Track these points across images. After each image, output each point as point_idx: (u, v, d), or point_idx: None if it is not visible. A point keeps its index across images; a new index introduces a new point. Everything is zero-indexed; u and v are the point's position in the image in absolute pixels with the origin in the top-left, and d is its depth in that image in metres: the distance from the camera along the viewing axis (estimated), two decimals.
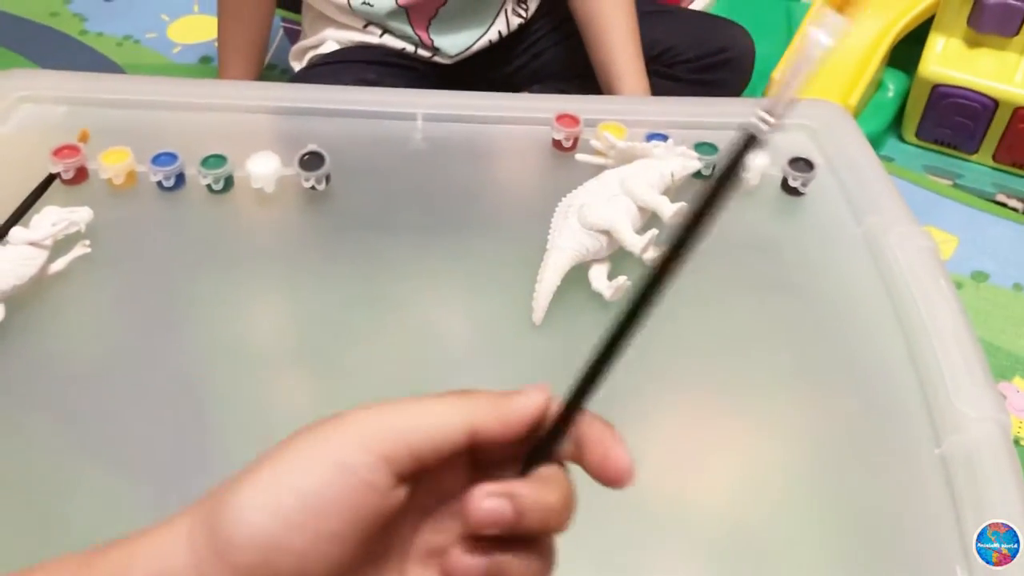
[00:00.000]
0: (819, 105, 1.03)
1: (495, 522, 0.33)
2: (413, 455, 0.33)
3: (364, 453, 0.32)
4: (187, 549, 0.32)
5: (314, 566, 0.32)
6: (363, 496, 0.32)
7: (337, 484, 0.32)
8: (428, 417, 0.34)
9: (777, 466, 0.71)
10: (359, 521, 0.32)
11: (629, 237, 0.77)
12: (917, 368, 0.75)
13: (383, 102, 0.98)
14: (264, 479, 0.32)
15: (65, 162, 0.85)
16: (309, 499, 0.32)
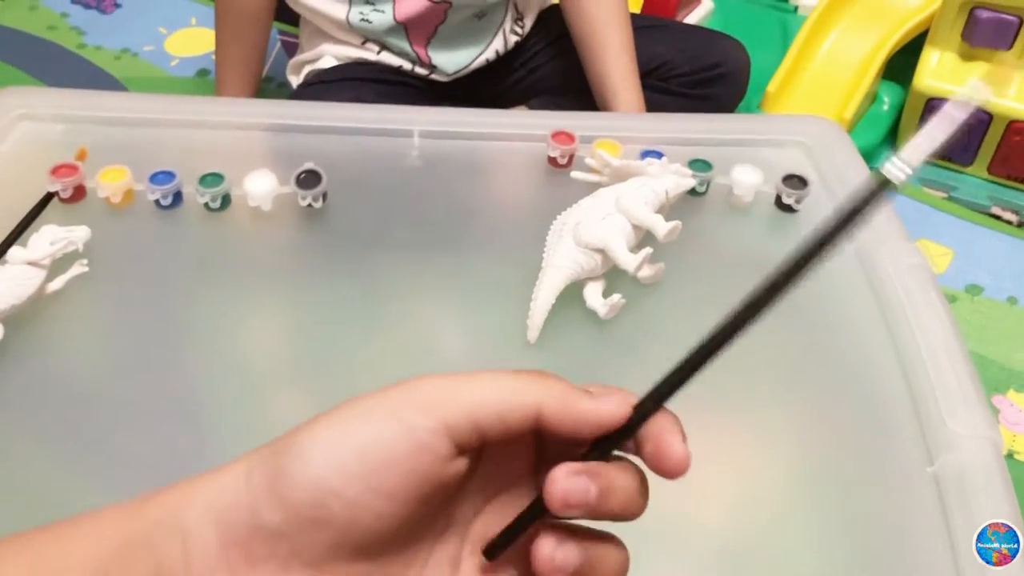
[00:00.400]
0: (813, 121, 1.04)
1: (579, 502, 0.33)
2: (476, 426, 0.33)
3: (424, 416, 0.33)
4: (244, 484, 0.33)
5: (364, 516, 0.32)
6: (419, 458, 0.33)
7: (394, 442, 0.33)
8: (495, 391, 0.34)
9: (770, 484, 0.71)
10: (413, 482, 0.33)
11: (623, 255, 0.77)
12: (909, 386, 0.75)
13: (379, 119, 0.98)
14: (326, 430, 0.33)
15: (63, 181, 0.86)
16: (366, 452, 0.32)
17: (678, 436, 0.35)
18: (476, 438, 0.34)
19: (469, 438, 0.34)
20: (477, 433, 0.34)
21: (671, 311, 0.82)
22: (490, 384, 0.34)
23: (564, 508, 0.33)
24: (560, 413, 0.34)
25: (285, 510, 0.32)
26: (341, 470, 0.32)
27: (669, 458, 0.34)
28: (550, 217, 0.82)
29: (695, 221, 0.89)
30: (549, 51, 1.43)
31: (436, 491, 0.34)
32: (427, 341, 0.80)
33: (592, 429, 0.35)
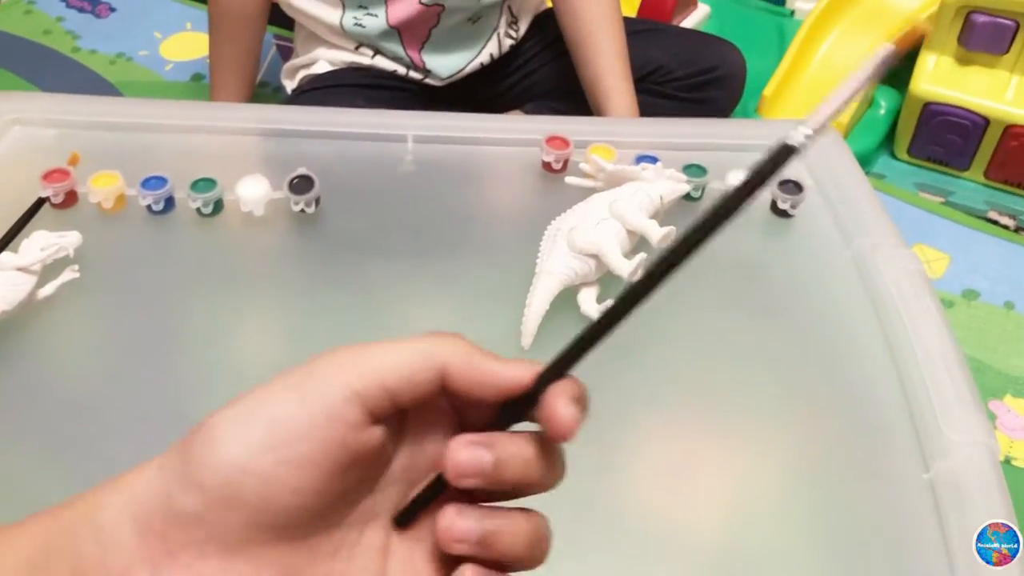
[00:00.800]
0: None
1: (474, 471, 0.33)
2: (386, 390, 0.33)
3: (332, 384, 0.33)
4: (157, 474, 0.33)
5: (278, 490, 0.32)
6: (330, 426, 0.32)
7: (302, 412, 0.32)
8: (402, 353, 0.34)
9: (766, 490, 0.71)
10: (326, 452, 0.32)
11: (617, 261, 0.77)
12: (905, 392, 0.75)
13: (373, 124, 0.98)
14: (236, 409, 0.33)
15: (55, 186, 0.85)
16: (276, 426, 0.32)
17: (567, 400, 0.34)
18: (388, 403, 0.34)
19: (381, 404, 0.33)
20: (388, 397, 0.33)
21: (665, 316, 0.81)
22: (397, 347, 0.34)
23: (459, 478, 0.33)
24: (464, 372, 0.34)
25: (198, 493, 0.32)
26: (251, 446, 0.32)
27: (554, 420, 0.33)
28: (544, 222, 0.82)
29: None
30: (544, 55, 1.42)
31: (352, 462, 0.33)
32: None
33: (494, 391, 0.35)
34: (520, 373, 0.35)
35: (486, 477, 0.34)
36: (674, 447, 0.73)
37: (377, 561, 0.36)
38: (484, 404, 0.35)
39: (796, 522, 0.68)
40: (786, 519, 0.69)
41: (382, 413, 0.34)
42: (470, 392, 0.35)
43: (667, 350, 0.79)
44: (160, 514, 0.32)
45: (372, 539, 0.36)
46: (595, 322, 0.35)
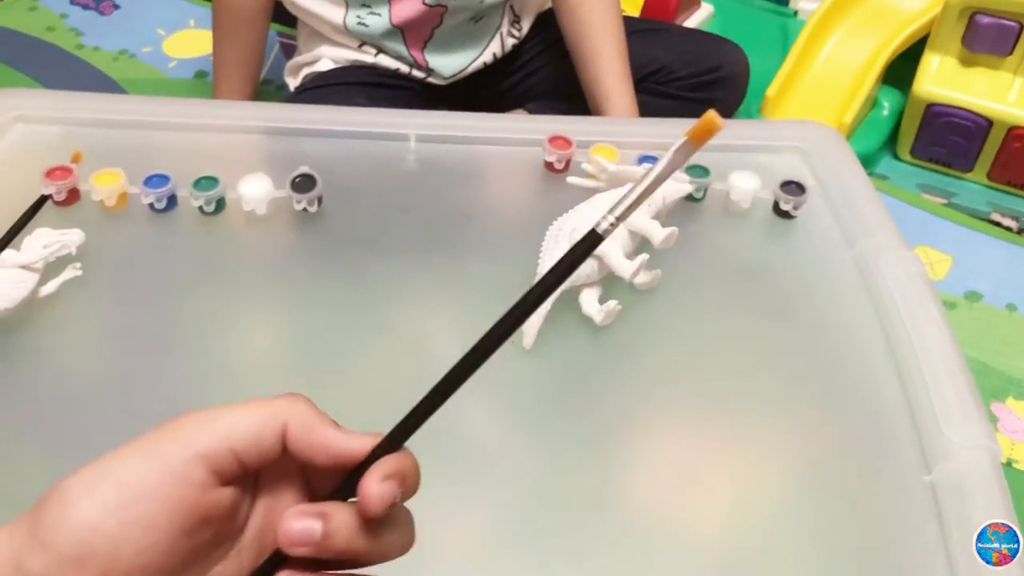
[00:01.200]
0: (811, 127, 1.03)
1: (303, 540, 0.35)
2: (232, 451, 0.35)
3: (180, 447, 0.34)
4: (8, 538, 0.33)
5: (125, 550, 0.33)
6: (175, 487, 0.34)
7: (152, 475, 0.33)
8: (248, 415, 0.35)
9: (767, 491, 0.71)
10: (172, 512, 0.33)
11: (619, 262, 0.77)
12: (907, 395, 0.75)
13: (376, 123, 0.98)
14: (87, 471, 0.34)
15: (57, 183, 0.85)
16: (124, 487, 0.33)
17: (379, 476, 0.35)
18: (236, 464, 0.35)
19: (228, 464, 0.35)
20: (235, 458, 0.35)
21: (667, 317, 0.81)
22: (243, 410, 0.36)
23: (290, 546, 0.35)
24: (301, 436, 0.36)
25: (46, 553, 0.32)
26: (99, 506, 0.33)
27: (362, 494, 0.35)
28: (546, 222, 0.82)
29: (692, 227, 0.89)
30: (547, 54, 1.42)
31: (201, 523, 0.34)
32: (422, 346, 0.80)
33: (328, 459, 0.36)
34: (354, 445, 0.36)
35: (316, 546, 0.35)
36: (677, 449, 0.73)
37: None
38: (327, 471, 0.37)
39: (798, 523, 0.68)
40: (788, 520, 0.68)
41: (230, 474, 0.35)
42: (306, 456, 0.36)
43: (670, 352, 0.79)
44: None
45: None
46: (428, 394, 0.37)
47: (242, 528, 0.37)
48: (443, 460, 0.69)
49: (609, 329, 0.79)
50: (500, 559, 0.65)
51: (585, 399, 0.75)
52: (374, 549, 0.36)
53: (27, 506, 0.64)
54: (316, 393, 0.73)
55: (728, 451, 0.73)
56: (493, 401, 0.74)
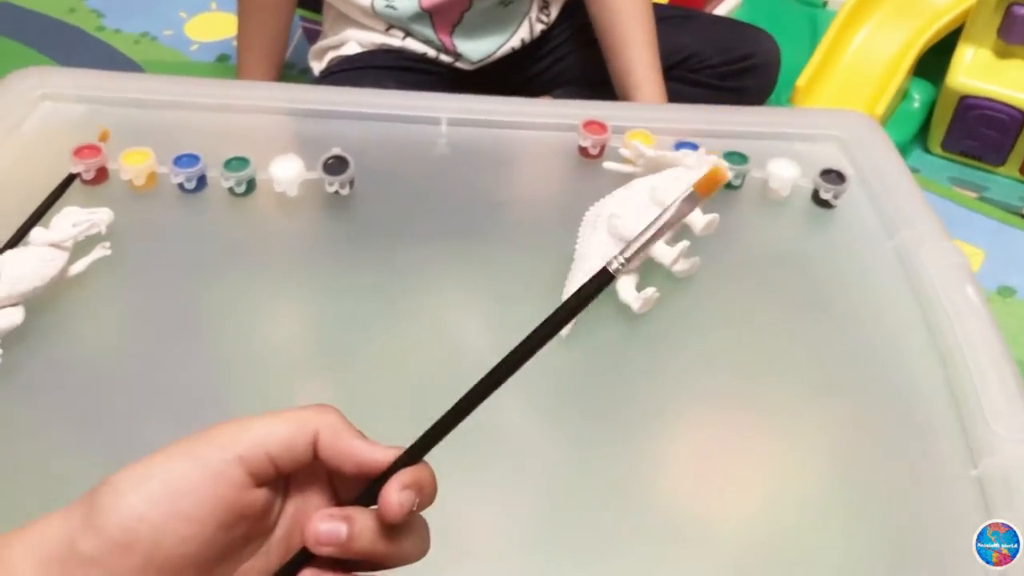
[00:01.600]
0: (848, 116, 1.02)
1: (331, 541, 0.38)
2: (267, 455, 0.38)
3: (220, 450, 0.38)
4: (62, 520, 0.37)
5: (168, 539, 0.36)
6: (216, 485, 0.37)
7: (195, 474, 0.37)
8: (282, 423, 0.39)
9: (806, 485, 0.69)
10: (214, 508, 0.37)
11: (660, 248, 0.76)
12: (951, 388, 0.74)
13: (407, 106, 0.97)
14: (136, 467, 0.38)
15: (86, 162, 0.84)
16: (169, 483, 0.37)
17: (398, 486, 0.38)
18: (270, 468, 0.39)
19: (263, 468, 0.38)
20: (270, 462, 0.38)
21: (703, 306, 0.80)
22: (277, 418, 0.39)
23: (316, 546, 0.38)
24: (330, 444, 0.39)
25: (97, 537, 0.36)
26: (147, 499, 0.36)
27: (382, 502, 0.38)
28: (581, 208, 0.80)
29: (730, 215, 0.87)
30: (574, 41, 1.41)
31: (237, 519, 0.38)
32: (454, 334, 0.78)
33: (354, 467, 0.39)
34: (379, 455, 0.40)
35: (342, 547, 0.38)
36: (711, 441, 0.72)
37: None
38: (352, 478, 0.40)
39: (838, 518, 0.67)
40: (828, 515, 0.67)
41: (265, 477, 0.39)
42: (334, 464, 0.40)
43: (705, 341, 0.78)
44: (62, 556, 0.36)
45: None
46: (444, 415, 0.40)
47: (272, 527, 0.41)
48: (473, 453, 0.68)
49: (644, 318, 0.77)
50: (530, 553, 0.64)
51: (619, 389, 0.74)
52: (393, 552, 0.40)
53: (55, 483, 0.64)
54: (342, 376, 0.73)
55: (765, 444, 0.72)
56: (527, 391, 0.73)
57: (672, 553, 0.65)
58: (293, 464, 0.39)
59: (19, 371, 0.71)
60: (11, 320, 0.72)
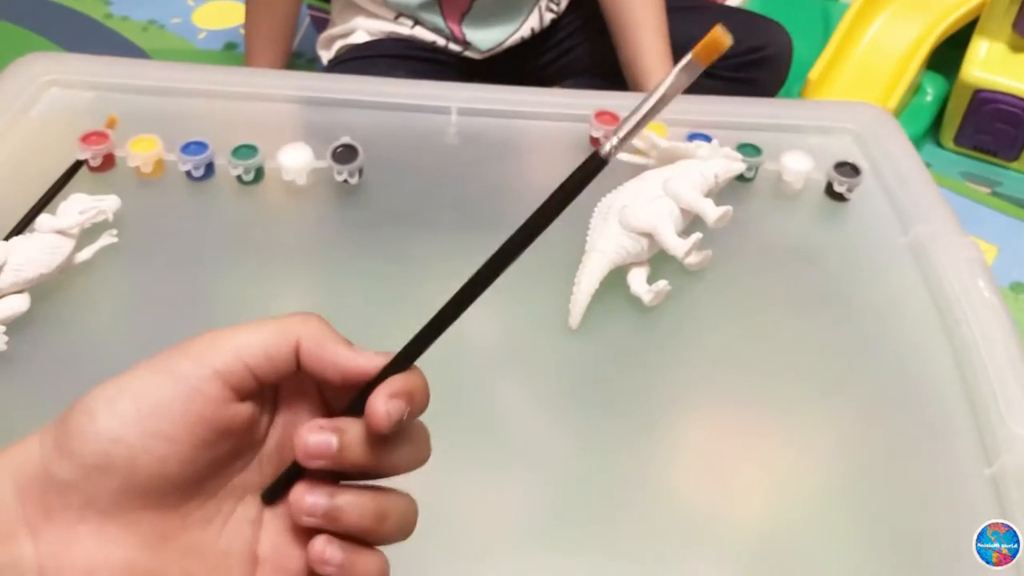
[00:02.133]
0: (863, 108, 1.01)
1: (320, 453, 0.37)
2: (246, 367, 0.37)
3: (195, 365, 0.36)
4: (38, 445, 0.36)
5: (146, 459, 0.35)
6: (193, 401, 0.36)
7: (169, 390, 0.36)
8: (260, 333, 0.37)
9: (818, 481, 0.69)
10: (193, 425, 0.36)
11: (672, 240, 0.75)
12: (966, 384, 0.73)
13: (417, 95, 0.96)
14: (107, 387, 0.36)
15: (93, 149, 0.84)
16: (143, 401, 0.36)
17: (386, 395, 0.37)
18: (251, 380, 0.37)
19: (244, 381, 0.37)
20: (250, 374, 0.37)
21: (715, 299, 0.79)
22: (256, 328, 0.38)
23: (307, 458, 0.37)
24: (312, 353, 0.38)
25: (71, 461, 0.35)
26: (120, 418, 0.35)
27: (369, 412, 0.36)
28: (592, 198, 0.80)
29: (742, 207, 0.87)
30: (584, 31, 1.40)
31: (218, 435, 0.37)
32: (462, 324, 0.77)
33: (339, 376, 0.38)
34: (364, 363, 0.38)
35: (332, 459, 0.37)
36: (723, 435, 0.72)
37: (249, 532, 0.39)
38: (343, 388, 0.39)
39: (852, 513, 0.67)
40: (839, 511, 0.67)
41: (247, 390, 0.37)
42: (318, 373, 0.38)
43: (717, 335, 0.78)
44: (39, 481, 0.35)
45: (246, 512, 0.39)
46: (437, 314, 0.38)
47: (262, 440, 0.40)
48: (483, 442, 0.68)
49: (656, 310, 0.77)
50: (536, 544, 0.64)
51: (629, 381, 0.73)
52: (387, 463, 0.38)
53: None
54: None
55: (775, 438, 0.71)
56: (537, 382, 0.73)
57: (680, 546, 0.64)
58: (275, 375, 0.38)
59: (24, 358, 0.70)
60: (17, 307, 0.72)
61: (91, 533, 0.35)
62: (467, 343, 0.75)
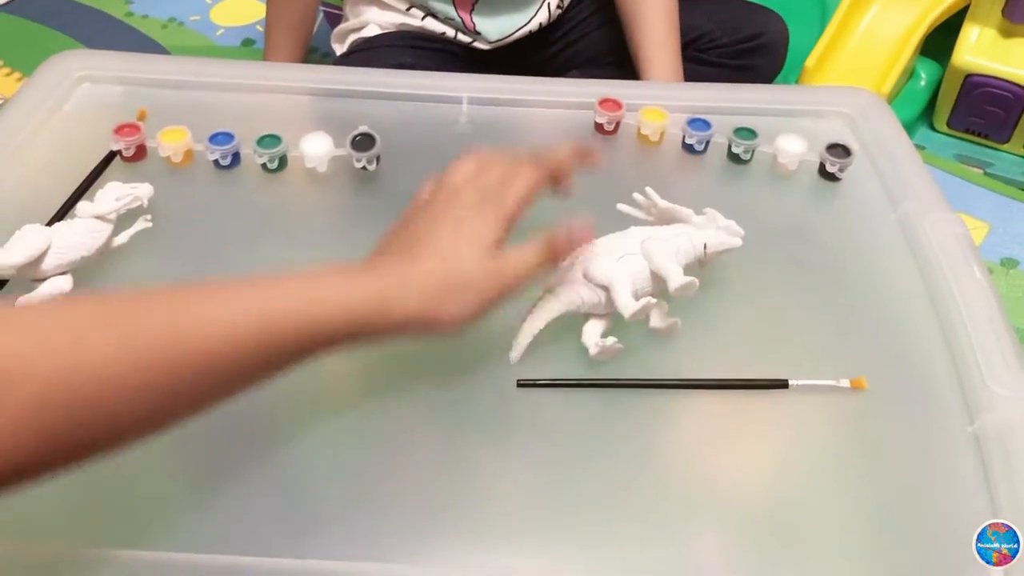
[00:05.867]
0: (855, 92, 1.05)
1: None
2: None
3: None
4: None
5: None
6: None
7: None
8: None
9: (810, 441, 0.72)
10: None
11: (623, 299, 0.72)
12: (951, 349, 0.77)
13: (430, 86, 1.00)
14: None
15: (126, 140, 0.88)
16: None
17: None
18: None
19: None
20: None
21: (713, 275, 0.80)
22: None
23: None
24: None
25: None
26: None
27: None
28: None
29: (738, 187, 0.91)
30: (590, 23, 1.44)
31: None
32: None
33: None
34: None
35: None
36: (719, 401, 0.74)
37: None
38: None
39: (839, 472, 0.70)
40: (829, 469, 0.70)
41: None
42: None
43: (717, 307, 0.80)
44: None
45: None
46: None
47: None
48: (477, 425, 0.71)
49: (600, 364, 0.76)
50: (547, 520, 0.66)
51: (633, 356, 0.75)
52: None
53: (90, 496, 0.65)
54: (358, 365, 0.75)
55: (771, 402, 0.74)
56: (546, 360, 0.75)
57: (680, 504, 0.67)
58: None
59: None
60: (61, 287, 0.76)
61: None
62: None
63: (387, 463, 0.69)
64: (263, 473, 0.67)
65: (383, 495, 0.66)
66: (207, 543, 0.61)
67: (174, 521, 0.64)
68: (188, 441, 0.68)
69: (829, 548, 0.65)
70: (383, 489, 0.66)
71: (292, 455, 0.68)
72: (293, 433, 0.70)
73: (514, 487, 0.68)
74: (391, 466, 0.68)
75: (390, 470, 0.68)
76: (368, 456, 0.69)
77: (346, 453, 0.69)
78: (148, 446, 0.51)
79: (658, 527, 0.66)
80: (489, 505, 0.66)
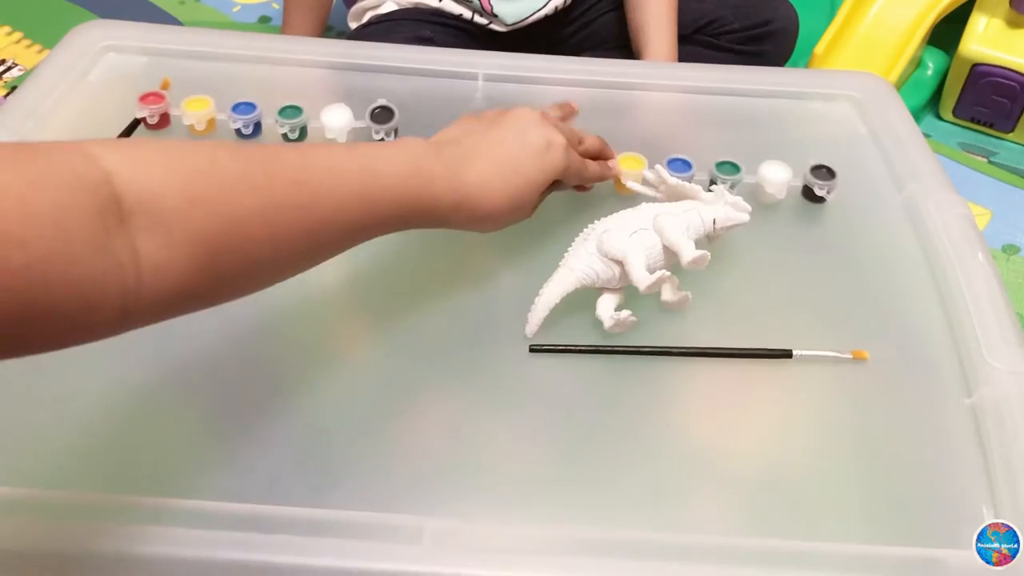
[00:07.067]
0: (864, 77, 1.07)
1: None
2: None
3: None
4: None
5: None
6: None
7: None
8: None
9: (812, 408, 0.74)
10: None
11: (638, 272, 0.74)
12: (951, 325, 0.78)
13: (446, 61, 1.02)
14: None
15: (151, 108, 0.90)
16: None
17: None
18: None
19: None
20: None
21: (722, 249, 0.82)
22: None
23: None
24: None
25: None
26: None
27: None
28: (583, 219, 0.80)
29: None
30: (604, 5, 1.45)
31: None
32: (486, 287, 0.82)
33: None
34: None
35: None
36: (725, 372, 0.76)
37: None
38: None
39: (839, 443, 0.72)
40: (830, 440, 0.72)
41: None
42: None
43: (722, 282, 0.82)
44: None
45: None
46: None
47: None
48: (491, 386, 0.73)
49: (615, 337, 0.77)
50: (548, 477, 0.68)
51: (640, 325, 0.77)
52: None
53: (116, 446, 0.68)
54: (378, 326, 0.77)
55: (775, 374, 0.76)
56: (552, 330, 0.76)
57: (685, 472, 0.69)
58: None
59: None
60: None
61: None
62: (486, 306, 0.80)
63: (404, 421, 0.71)
64: (284, 425, 0.69)
65: (399, 451, 0.68)
66: (229, 492, 0.63)
67: (196, 470, 0.66)
68: (212, 393, 0.71)
69: (827, 509, 0.68)
70: (399, 445, 0.69)
71: (312, 411, 0.70)
72: (313, 390, 0.72)
73: (525, 446, 0.70)
74: (407, 424, 0.71)
75: (406, 427, 0.70)
76: (385, 413, 0.71)
77: (364, 410, 0.71)
78: (168, 398, 0.52)
79: (666, 489, 0.68)
80: (501, 463, 0.69)
